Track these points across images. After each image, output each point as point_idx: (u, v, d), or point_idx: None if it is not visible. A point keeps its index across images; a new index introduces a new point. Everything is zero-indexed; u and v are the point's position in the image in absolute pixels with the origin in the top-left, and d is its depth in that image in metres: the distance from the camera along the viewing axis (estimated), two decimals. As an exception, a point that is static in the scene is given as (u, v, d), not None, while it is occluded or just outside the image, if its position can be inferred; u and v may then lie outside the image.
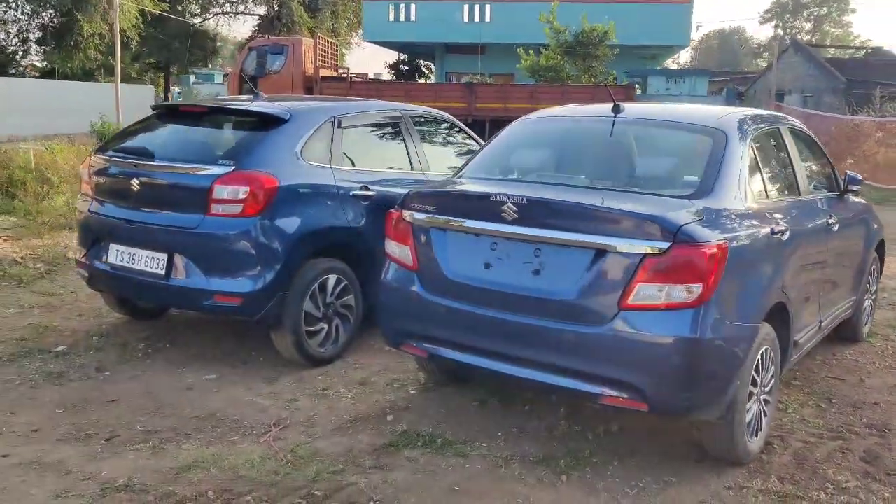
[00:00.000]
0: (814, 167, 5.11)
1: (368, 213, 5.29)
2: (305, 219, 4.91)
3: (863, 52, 37.53)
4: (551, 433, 4.20)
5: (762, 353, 3.81)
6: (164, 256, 4.82)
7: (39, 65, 41.70)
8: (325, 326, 5.10)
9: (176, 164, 4.89)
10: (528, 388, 4.28)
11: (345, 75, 20.45)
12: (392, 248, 4.23)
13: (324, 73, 19.08)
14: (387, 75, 42.88)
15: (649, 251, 3.38)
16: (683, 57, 72.19)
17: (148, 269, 4.88)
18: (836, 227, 4.85)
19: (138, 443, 3.98)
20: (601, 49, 20.70)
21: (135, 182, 4.92)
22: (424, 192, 4.13)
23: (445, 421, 4.32)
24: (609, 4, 25.12)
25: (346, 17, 44.89)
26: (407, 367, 5.13)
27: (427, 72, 45.52)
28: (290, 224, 4.82)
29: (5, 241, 8.45)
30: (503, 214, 3.67)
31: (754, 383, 3.81)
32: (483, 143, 6.78)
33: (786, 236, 4.02)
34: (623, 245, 3.42)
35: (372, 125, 5.75)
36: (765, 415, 4.02)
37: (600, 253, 3.49)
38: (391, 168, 5.73)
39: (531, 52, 21.14)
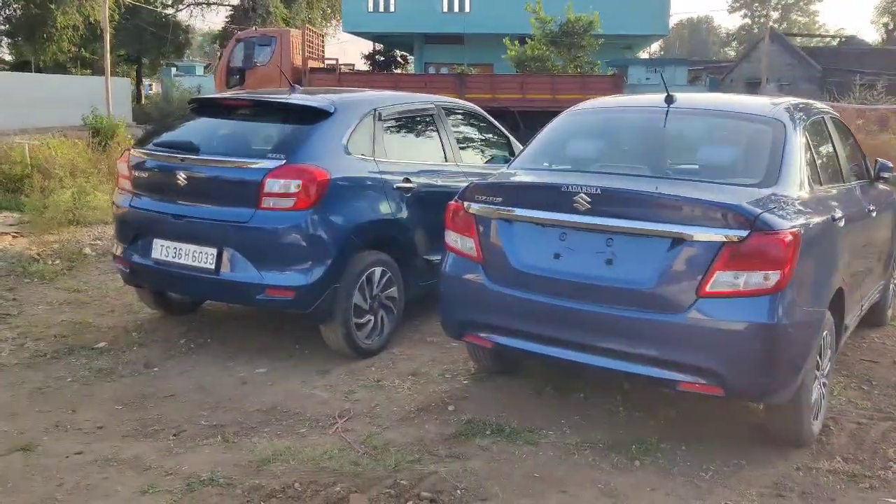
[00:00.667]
0: (850, 155, 5.22)
1: (409, 205, 5.32)
2: (354, 211, 4.93)
3: (836, 40, 38.14)
4: (612, 420, 4.27)
5: (824, 337, 3.91)
6: (214, 251, 4.80)
7: (8, 58, 40.98)
8: (372, 318, 5.12)
9: (226, 159, 4.88)
10: (599, 376, 4.34)
11: (333, 66, 20.35)
12: (453, 239, 4.26)
13: (312, 64, 18.98)
14: (362, 66, 42.68)
15: (728, 239, 3.45)
16: (653, 46, 72.69)
17: (196, 264, 4.86)
18: (874, 214, 4.97)
19: (207, 437, 3.99)
20: (586, 39, 20.82)
21: (181, 176, 4.89)
22: (489, 183, 4.17)
23: (506, 410, 4.37)
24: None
25: (320, 8, 44.60)
26: (454, 357, 5.18)
27: (402, 62, 45.37)
28: (340, 217, 4.83)
29: (15, 237, 8.34)
30: (575, 205, 3.72)
31: (817, 367, 3.91)
32: (508, 134, 6.86)
33: (842, 223, 4.13)
34: (701, 234, 3.49)
35: (408, 117, 5.76)
36: (823, 397, 4.12)
37: (677, 241, 3.55)
38: (427, 160, 5.75)
39: (516, 42, 21.21)
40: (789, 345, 3.54)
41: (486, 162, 6.49)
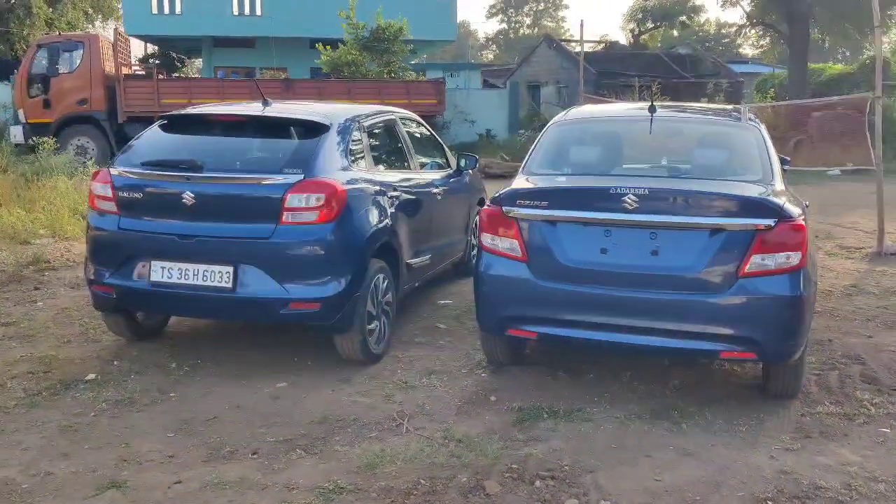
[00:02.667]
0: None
1: (397, 212, 5.55)
2: (366, 221, 5.10)
3: (601, 45, 41.80)
4: (636, 394, 4.82)
5: None
6: (230, 269, 4.77)
7: None
8: (377, 324, 5.31)
9: (242, 175, 4.86)
10: (642, 354, 4.87)
11: (143, 73, 19.30)
12: (493, 242, 4.60)
13: (125, 70, 17.91)
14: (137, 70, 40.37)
15: (761, 227, 4.12)
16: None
17: (209, 284, 4.80)
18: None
19: (287, 452, 4.04)
20: (397, 45, 21.41)
21: (188, 195, 4.79)
22: (532, 189, 4.56)
23: (541, 395, 4.77)
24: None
25: (83, 9, 41.57)
26: (454, 354, 5.52)
27: (181, 65, 43.41)
28: (357, 228, 4.99)
29: None
30: (624, 204, 4.22)
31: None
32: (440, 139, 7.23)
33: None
34: (738, 224, 4.14)
35: (380, 128, 5.97)
36: (801, 355, 4.95)
37: (716, 231, 4.18)
38: (400, 168, 6.01)
39: (328, 47, 21.32)
40: (808, 312, 4.30)
41: (426, 167, 6.79)
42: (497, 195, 4.64)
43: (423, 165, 6.73)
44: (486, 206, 4.69)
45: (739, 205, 4.19)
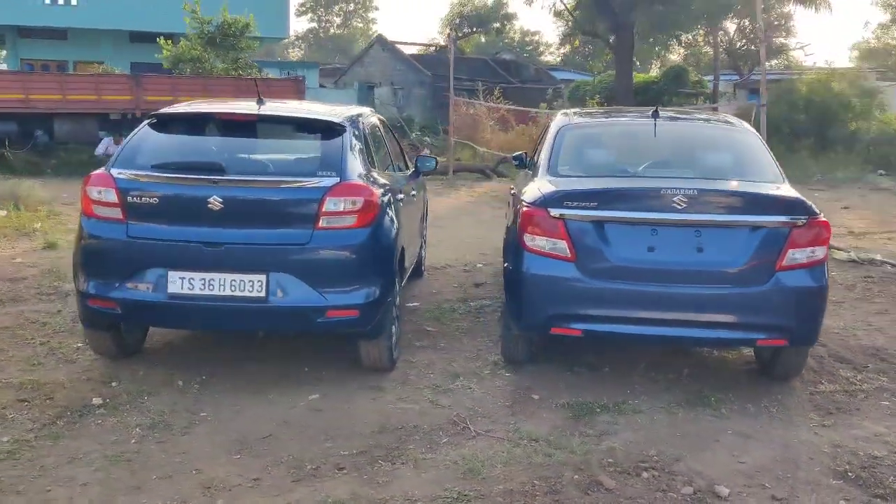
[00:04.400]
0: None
1: (397, 215, 5.47)
2: (393, 225, 5.00)
3: (432, 48, 42.47)
4: (659, 384, 5.06)
5: None
6: (262, 277, 4.52)
7: None
8: (395, 329, 5.22)
9: (278, 178, 4.61)
10: (683, 345, 5.20)
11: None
12: (539, 243, 4.68)
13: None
14: None
15: (794, 224, 4.50)
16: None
17: (239, 294, 4.52)
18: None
19: (370, 464, 3.92)
20: (243, 41, 20.67)
21: (215, 200, 4.47)
22: (577, 191, 4.67)
23: (575, 390, 4.89)
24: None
25: None
26: (464, 356, 5.53)
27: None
28: (388, 231, 4.89)
29: None
30: (674, 204, 4.46)
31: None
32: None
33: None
34: (777, 221, 4.50)
35: (372, 130, 5.84)
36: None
37: (756, 229, 4.51)
38: (389, 169, 5.92)
39: (170, 41, 20.20)
40: (827, 300, 4.74)
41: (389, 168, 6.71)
42: (540, 197, 4.71)
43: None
44: (526, 208, 4.75)
45: (776, 204, 4.56)
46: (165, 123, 5.00)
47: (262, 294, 4.51)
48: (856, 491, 3.75)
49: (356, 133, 5.08)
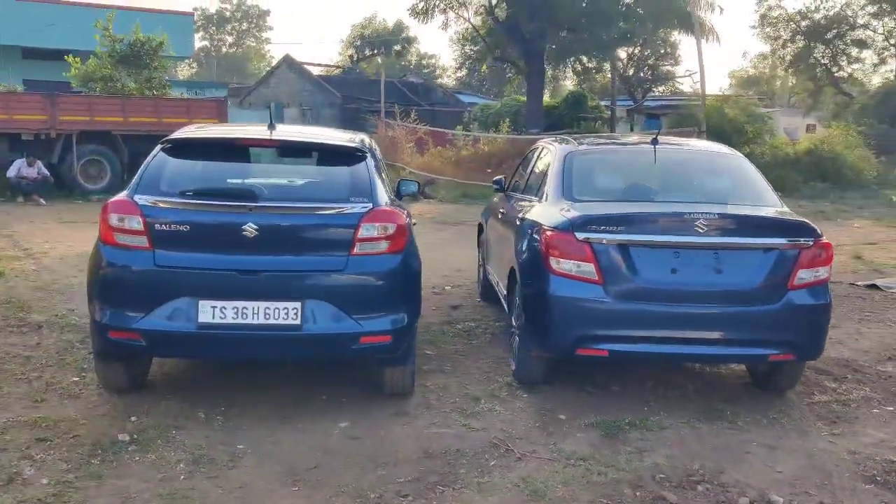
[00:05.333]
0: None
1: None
2: (417, 250, 5.02)
3: (340, 70, 42.26)
4: (671, 400, 5.26)
5: None
6: (297, 305, 4.46)
7: None
8: (413, 354, 5.23)
9: (315, 205, 4.57)
10: (702, 363, 5.50)
11: None
12: (565, 266, 4.81)
13: None
14: None
15: (803, 246, 4.82)
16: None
17: (273, 322, 4.45)
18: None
19: (433, 489, 3.93)
20: (157, 60, 20.06)
21: (250, 227, 4.39)
22: (603, 215, 4.83)
23: (596, 409, 5.03)
24: (117, 11, 23.89)
25: None
26: (473, 378, 5.59)
27: None
28: (415, 256, 4.91)
29: None
30: (696, 228, 4.70)
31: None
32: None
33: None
34: (787, 243, 4.80)
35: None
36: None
37: (769, 250, 4.80)
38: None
39: (78, 59, 19.36)
40: (831, 316, 5.07)
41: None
42: (565, 221, 4.85)
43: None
44: (550, 232, 4.88)
45: (786, 227, 4.86)
46: (182, 148, 4.87)
47: (297, 321, 4.45)
48: (890, 494, 4.02)
49: (376, 158, 5.10)
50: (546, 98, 43.90)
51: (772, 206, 5.24)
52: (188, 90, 26.37)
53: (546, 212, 5.24)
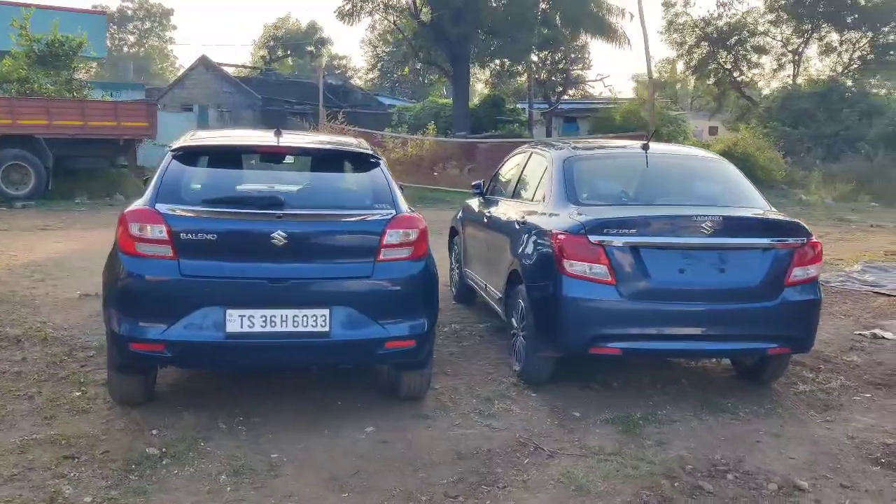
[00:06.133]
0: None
1: None
2: (432, 255, 5.09)
3: (258, 71, 41.42)
4: (669, 395, 5.49)
5: None
6: (325, 311, 4.47)
7: None
8: (425, 356, 5.29)
9: (342, 212, 4.58)
10: (705, 357, 5.77)
11: None
12: (579, 268, 4.97)
13: None
14: None
15: (797, 245, 5.13)
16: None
17: (301, 329, 4.44)
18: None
19: (476, 489, 4.01)
20: (77, 61, 19.31)
21: (279, 235, 4.38)
22: (616, 219, 5.01)
23: (608, 406, 5.21)
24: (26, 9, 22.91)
25: None
26: (476, 379, 5.69)
27: None
28: (433, 261, 4.96)
29: None
30: (702, 230, 4.94)
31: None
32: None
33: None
34: (784, 243, 5.10)
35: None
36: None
37: (768, 250, 5.09)
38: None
39: (-9, 59, 18.48)
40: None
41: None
42: (577, 225, 5.01)
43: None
44: (563, 235, 5.03)
45: (782, 227, 5.16)
46: (195, 156, 4.80)
47: (326, 328, 4.46)
48: (896, 474, 4.35)
49: (386, 164, 5.14)
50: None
51: (760, 207, 5.54)
52: (104, 91, 25.38)
53: (553, 216, 5.38)
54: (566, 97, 43.95)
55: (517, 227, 5.86)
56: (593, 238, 4.93)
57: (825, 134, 29.16)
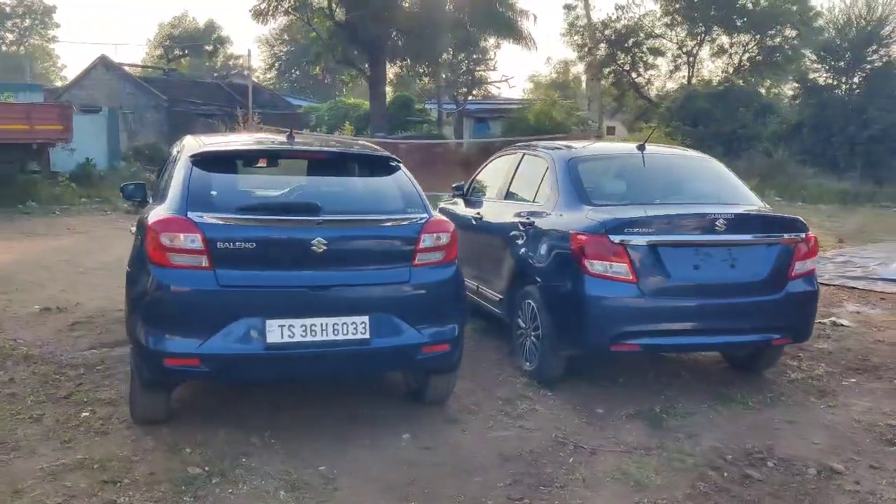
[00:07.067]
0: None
1: None
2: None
3: (161, 71, 39.83)
4: (676, 389, 5.64)
5: None
6: (365, 318, 4.40)
7: None
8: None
9: (374, 217, 4.52)
10: (719, 350, 5.93)
11: None
12: (600, 267, 5.07)
13: None
14: None
15: (798, 240, 5.39)
16: None
17: (341, 338, 4.35)
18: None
19: (534, 490, 4.04)
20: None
21: (319, 242, 4.28)
22: (636, 219, 5.11)
23: (625, 401, 5.32)
24: None
25: None
26: (495, 380, 5.72)
27: None
28: (460, 265, 4.96)
29: None
30: (716, 227, 5.13)
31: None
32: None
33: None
34: (787, 238, 5.35)
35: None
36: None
37: (773, 245, 5.32)
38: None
39: None
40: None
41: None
42: (597, 225, 5.09)
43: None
44: (583, 235, 5.11)
45: (784, 223, 5.41)
46: (216, 162, 4.61)
47: (366, 335, 4.38)
48: (914, 453, 4.63)
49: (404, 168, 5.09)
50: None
51: (755, 204, 5.79)
52: (7, 92, 23.94)
53: (566, 217, 5.46)
54: (472, 98, 44.42)
55: (520, 228, 5.90)
56: (614, 238, 5.03)
57: (724, 132, 30.51)
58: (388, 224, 4.56)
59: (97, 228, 14.17)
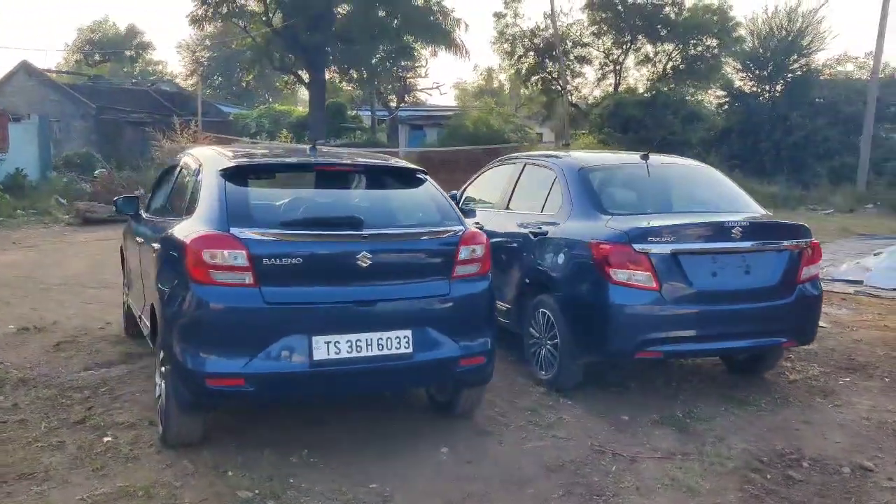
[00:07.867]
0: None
1: None
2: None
3: (86, 78, 38.33)
4: (688, 393, 5.79)
5: None
6: (408, 332, 4.36)
7: None
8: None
9: (415, 230, 4.49)
10: (734, 354, 6.02)
11: None
12: (623, 275, 5.15)
13: None
14: None
15: (804, 246, 5.59)
16: None
17: (385, 353, 4.31)
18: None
19: (590, 499, 4.09)
20: None
21: (364, 256, 4.22)
22: (658, 228, 5.20)
23: (646, 407, 5.41)
24: None
25: None
26: (512, 389, 5.73)
27: None
28: (492, 277, 4.95)
29: None
30: (732, 235, 5.28)
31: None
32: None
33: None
34: (797, 244, 5.54)
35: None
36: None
37: (783, 251, 5.50)
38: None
39: None
40: (821, 306, 5.91)
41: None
42: (620, 234, 5.17)
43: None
44: (606, 244, 5.18)
45: (791, 230, 5.59)
46: (247, 176, 4.49)
47: (409, 350, 4.34)
48: (932, 448, 4.85)
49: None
50: (302, 108, 43.82)
51: (757, 211, 5.97)
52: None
53: (582, 226, 5.51)
54: (403, 105, 44.43)
55: (531, 238, 5.94)
56: (637, 246, 5.12)
57: (654, 139, 31.32)
58: (428, 237, 4.53)
59: (44, 242, 13.62)
